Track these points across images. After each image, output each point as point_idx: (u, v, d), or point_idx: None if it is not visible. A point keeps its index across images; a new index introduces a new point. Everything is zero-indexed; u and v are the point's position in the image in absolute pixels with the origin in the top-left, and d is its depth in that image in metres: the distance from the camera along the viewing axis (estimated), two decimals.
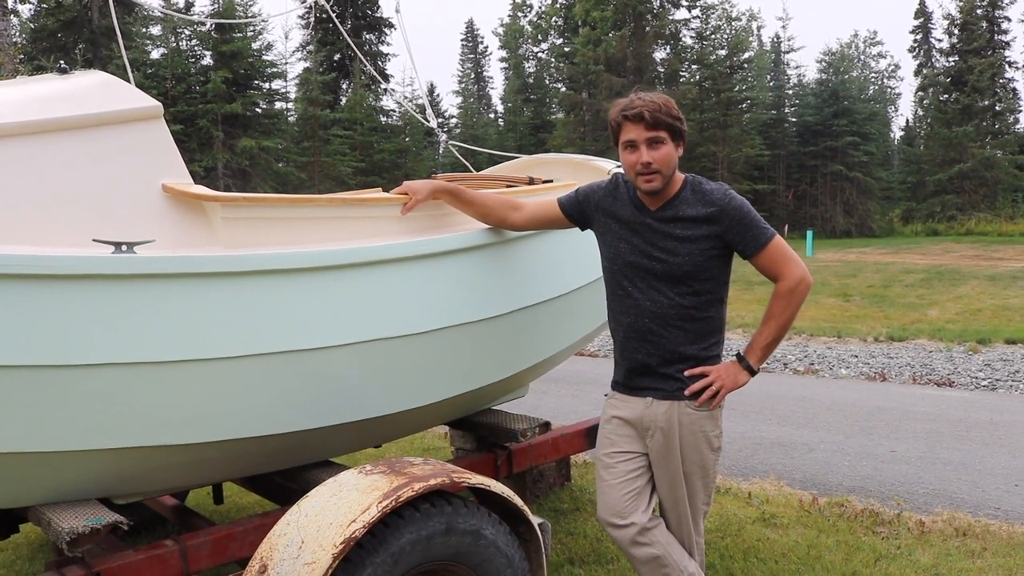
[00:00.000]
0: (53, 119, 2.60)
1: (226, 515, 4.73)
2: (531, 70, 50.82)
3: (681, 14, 41.28)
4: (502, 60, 57.61)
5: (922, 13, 53.21)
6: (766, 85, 43.30)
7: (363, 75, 36.79)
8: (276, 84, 31.65)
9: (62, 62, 3.14)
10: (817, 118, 40.92)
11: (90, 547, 2.59)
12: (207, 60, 29.02)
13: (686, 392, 2.91)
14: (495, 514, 2.79)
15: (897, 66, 67.42)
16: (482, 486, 2.75)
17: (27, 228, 2.50)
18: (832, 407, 7.73)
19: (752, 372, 2.96)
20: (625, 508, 2.99)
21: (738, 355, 2.96)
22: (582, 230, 3.24)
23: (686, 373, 2.92)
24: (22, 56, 25.61)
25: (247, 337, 2.71)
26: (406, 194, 3.26)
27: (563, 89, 43.47)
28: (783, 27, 77.27)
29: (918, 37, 53.45)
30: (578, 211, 3.16)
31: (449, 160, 37.81)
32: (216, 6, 28.83)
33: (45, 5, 30.36)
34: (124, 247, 2.48)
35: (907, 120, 59.55)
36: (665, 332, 2.91)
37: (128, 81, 2.99)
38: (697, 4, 40.90)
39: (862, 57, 61.00)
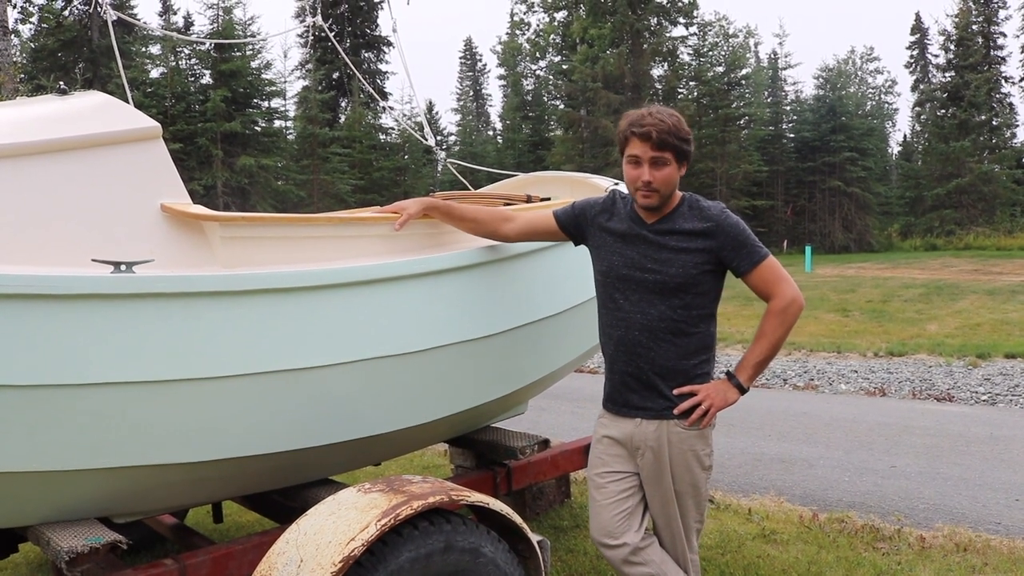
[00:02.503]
0: (53, 140, 2.61)
1: (225, 534, 4.72)
2: (529, 87, 50.95)
3: (678, 31, 41.60)
4: (500, 78, 57.92)
5: (918, 29, 53.40)
6: (764, 101, 43.49)
7: (362, 93, 36.91)
8: (275, 102, 31.75)
9: (62, 83, 3.16)
10: (815, 134, 41.06)
11: (89, 566, 2.58)
12: (206, 79, 29.12)
13: (675, 411, 2.91)
14: (494, 532, 2.78)
15: (894, 82, 67.50)
16: (481, 504, 2.75)
17: (26, 248, 2.51)
18: (832, 422, 7.72)
19: (742, 390, 2.95)
20: (617, 528, 2.99)
21: (728, 373, 2.97)
22: (576, 244, 3.25)
23: (675, 391, 2.92)
24: (22, 76, 25.67)
25: (246, 356, 2.71)
26: (397, 212, 3.28)
27: (561, 106, 43.60)
28: (780, 44, 77.48)
29: (914, 53, 53.61)
30: (574, 224, 3.17)
31: (448, 178, 37.81)
32: (215, 26, 28.97)
33: (45, 25, 30.48)
34: (123, 267, 2.49)
35: (905, 135, 59.90)
36: (654, 345, 2.91)
37: (127, 101, 3.00)
38: (694, 21, 41.14)
39: (859, 73, 61.23)
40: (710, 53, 41.44)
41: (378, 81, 43.59)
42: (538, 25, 50.02)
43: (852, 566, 4.26)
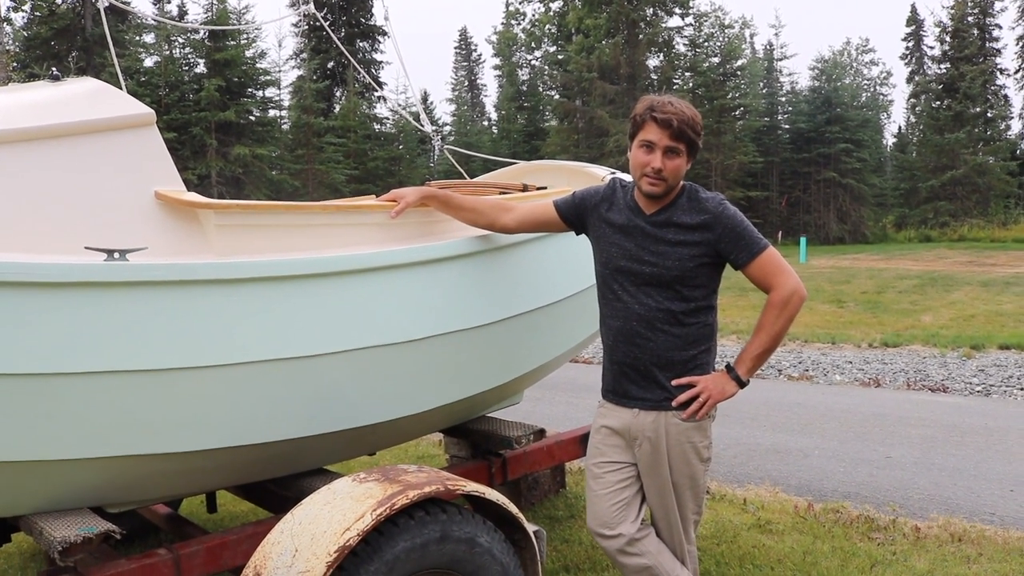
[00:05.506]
0: (45, 126, 2.59)
1: (219, 523, 4.70)
2: (525, 78, 50.88)
3: (674, 22, 41.42)
4: (496, 68, 57.82)
5: (914, 20, 53.45)
6: (759, 92, 43.40)
7: (357, 83, 36.80)
8: (270, 92, 31.66)
9: (55, 69, 3.13)
10: (810, 125, 41.04)
11: (82, 556, 2.57)
12: (200, 68, 29.05)
13: (673, 403, 2.90)
14: (490, 522, 2.78)
15: (889, 73, 67.81)
16: (477, 493, 2.74)
17: (19, 235, 2.49)
18: (827, 413, 7.72)
19: (741, 383, 2.93)
20: (613, 518, 2.98)
21: (727, 365, 2.95)
22: (577, 234, 3.23)
23: (673, 383, 2.90)
24: (15, 64, 25.57)
25: (240, 345, 2.70)
26: (394, 201, 3.25)
27: (556, 96, 43.48)
28: (776, 34, 77.69)
29: (910, 44, 53.68)
30: (575, 214, 3.15)
31: (443, 167, 37.81)
32: (210, 14, 28.85)
33: (38, 13, 30.31)
34: (117, 255, 2.47)
35: (900, 127, 59.76)
36: (653, 336, 2.90)
37: (120, 88, 2.98)
38: (690, 12, 41.02)
39: (854, 64, 61.20)
40: (706, 44, 41.36)
41: (373, 71, 43.45)
42: (533, 15, 49.98)
43: (847, 556, 4.26)
